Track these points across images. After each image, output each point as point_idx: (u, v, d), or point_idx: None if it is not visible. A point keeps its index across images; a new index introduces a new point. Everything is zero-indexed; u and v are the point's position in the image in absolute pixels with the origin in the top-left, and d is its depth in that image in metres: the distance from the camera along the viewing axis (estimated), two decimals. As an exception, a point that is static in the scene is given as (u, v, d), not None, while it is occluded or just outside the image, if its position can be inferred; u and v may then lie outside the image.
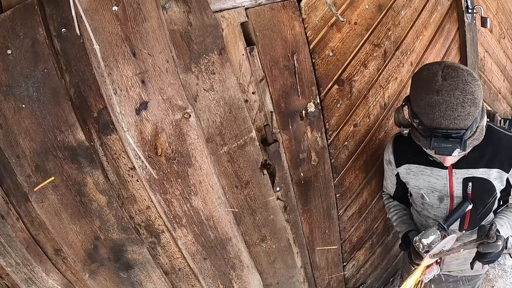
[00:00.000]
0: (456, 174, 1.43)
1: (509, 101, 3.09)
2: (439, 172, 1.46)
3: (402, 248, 1.60)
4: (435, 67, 1.23)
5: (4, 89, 1.09)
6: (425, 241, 1.36)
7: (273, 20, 1.40)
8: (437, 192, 1.49)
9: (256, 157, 1.51)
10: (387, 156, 1.63)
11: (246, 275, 1.72)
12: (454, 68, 1.20)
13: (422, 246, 1.37)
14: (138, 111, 1.22)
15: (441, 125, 1.17)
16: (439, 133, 1.18)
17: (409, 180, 1.57)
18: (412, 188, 1.58)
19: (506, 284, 2.60)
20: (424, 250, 1.37)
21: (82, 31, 1.09)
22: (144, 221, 1.42)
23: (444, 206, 1.51)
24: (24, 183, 1.19)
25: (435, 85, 1.18)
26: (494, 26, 2.58)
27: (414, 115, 1.25)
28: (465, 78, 1.17)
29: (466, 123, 1.16)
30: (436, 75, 1.19)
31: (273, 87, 1.48)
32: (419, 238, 1.38)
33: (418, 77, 1.27)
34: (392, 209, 1.76)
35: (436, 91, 1.17)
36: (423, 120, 1.21)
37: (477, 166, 1.40)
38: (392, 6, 1.72)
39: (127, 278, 1.46)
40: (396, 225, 1.73)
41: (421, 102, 1.21)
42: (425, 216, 1.62)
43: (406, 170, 1.55)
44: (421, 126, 1.22)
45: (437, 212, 1.54)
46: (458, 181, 1.44)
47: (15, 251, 1.28)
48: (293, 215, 1.78)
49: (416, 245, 1.39)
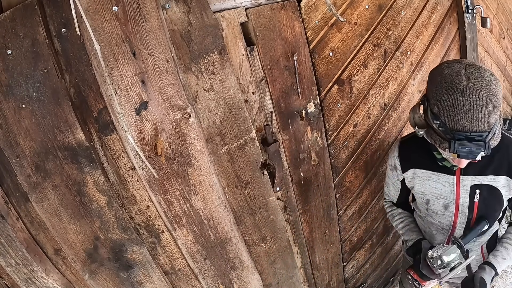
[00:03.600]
0: (464, 181, 1.37)
1: (509, 101, 3.09)
2: (446, 179, 1.40)
3: (409, 254, 1.56)
4: (457, 66, 1.17)
5: (4, 89, 1.09)
6: (446, 258, 1.30)
7: (273, 20, 1.40)
8: (442, 198, 1.44)
9: (256, 157, 1.51)
10: (392, 161, 1.55)
11: (246, 275, 1.72)
12: (476, 67, 1.15)
13: (440, 262, 1.30)
14: (138, 111, 1.22)
15: (465, 128, 1.11)
16: (462, 136, 1.12)
17: (414, 185, 1.51)
18: (417, 193, 1.53)
19: (506, 284, 2.60)
20: (440, 266, 1.31)
21: (82, 31, 1.09)
22: (144, 221, 1.42)
23: (449, 214, 1.46)
24: (24, 183, 1.19)
25: (459, 85, 1.12)
26: (494, 26, 2.58)
27: (434, 116, 1.18)
28: (489, 79, 1.12)
29: (489, 125, 1.12)
30: (459, 74, 1.14)
31: (273, 87, 1.48)
32: (439, 254, 1.31)
33: (438, 76, 1.20)
34: (396, 217, 1.69)
35: (461, 92, 1.11)
36: (445, 121, 1.14)
37: (485, 173, 1.34)
38: (392, 6, 1.72)
39: (127, 278, 1.46)
40: (403, 233, 1.65)
41: (443, 103, 1.15)
42: (428, 223, 1.57)
43: (413, 174, 1.50)
44: (442, 127, 1.16)
45: (442, 219, 1.49)
46: (465, 188, 1.38)
47: (15, 251, 1.28)
48: (293, 215, 1.78)
49: (433, 260, 1.32)
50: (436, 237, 1.57)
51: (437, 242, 1.57)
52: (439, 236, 1.56)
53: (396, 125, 1.97)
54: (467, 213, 1.42)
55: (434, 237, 1.58)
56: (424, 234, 1.63)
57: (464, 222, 1.45)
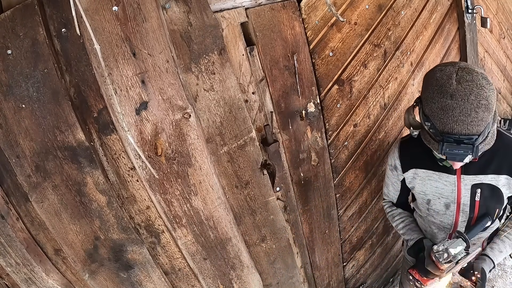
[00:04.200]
0: (465, 180, 1.38)
1: (509, 101, 3.09)
2: (447, 178, 1.41)
3: (410, 254, 1.56)
4: (449, 69, 1.19)
5: (4, 89, 1.09)
6: (453, 251, 1.30)
7: (273, 20, 1.40)
8: (443, 198, 1.45)
9: (256, 157, 1.51)
10: (392, 161, 1.56)
11: (246, 275, 1.72)
12: (468, 71, 1.16)
13: (447, 255, 1.30)
14: (138, 111, 1.22)
15: (454, 130, 1.13)
16: (451, 138, 1.14)
17: (415, 185, 1.52)
18: (417, 193, 1.54)
19: (506, 284, 2.60)
20: (446, 260, 1.31)
21: (82, 31, 1.09)
22: (144, 221, 1.42)
23: (450, 213, 1.47)
24: (24, 183, 1.19)
25: (449, 88, 1.14)
26: (494, 26, 2.58)
27: (426, 118, 1.21)
28: (480, 82, 1.13)
29: (479, 128, 1.13)
30: (450, 78, 1.16)
31: (273, 87, 1.48)
32: (446, 247, 1.31)
33: (431, 79, 1.23)
34: (396, 217, 1.69)
35: (450, 95, 1.13)
36: (435, 123, 1.17)
37: (486, 172, 1.36)
38: (392, 6, 1.72)
39: (127, 278, 1.46)
40: (404, 233, 1.65)
41: (433, 105, 1.17)
42: (429, 222, 1.58)
43: (413, 174, 1.50)
44: (433, 129, 1.19)
45: (443, 218, 1.50)
46: (466, 188, 1.39)
47: (15, 251, 1.28)
48: (293, 215, 1.78)
49: (439, 254, 1.32)
50: (437, 235, 1.58)
51: (439, 240, 1.57)
52: (440, 235, 1.57)
53: (396, 125, 1.97)
54: (468, 212, 1.43)
55: (436, 236, 1.58)
56: (425, 234, 1.63)
57: (465, 221, 1.46)
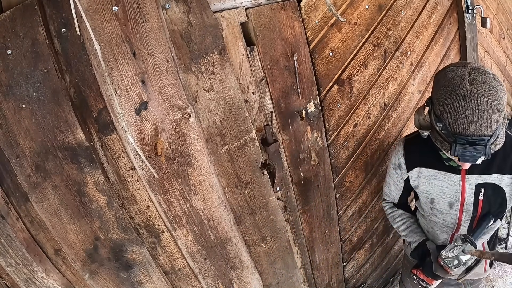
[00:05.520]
0: (469, 180, 1.39)
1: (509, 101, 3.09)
2: (452, 177, 1.41)
3: (414, 256, 1.56)
4: (461, 70, 1.18)
5: (4, 89, 1.09)
6: (464, 258, 1.29)
7: (273, 20, 1.40)
8: (447, 197, 1.45)
9: (256, 157, 1.51)
10: (396, 160, 1.55)
11: (246, 275, 1.72)
12: (480, 72, 1.16)
13: (457, 262, 1.29)
14: (138, 111, 1.22)
15: (466, 132, 1.13)
16: (463, 140, 1.14)
17: (419, 184, 1.51)
18: (421, 192, 1.53)
19: (506, 284, 2.60)
20: (456, 266, 1.30)
21: (82, 31, 1.09)
22: (144, 221, 1.42)
23: (454, 212, 1.47)
24: (24, 183, 1.19)
25: (462, 89, 1.14)
26: (494, 26, 2.58)
27: (438, 119, 1.20)
28: (492, 84, 1.13)
29: (491, 130, 1.13)
30: (463, 79, 1.15)
31: (273, 87, 1.48)
32: (456, 254, 1.31)
33: (442, 79, 1.22)
34: (398, 218, 1.69)
35: (463, 96, 1.13)
36: (448, 125, 1.16)
37: (490, 172, 1.36)
38: (392, 6, 1.72)
39: (127, 278, 1.46)
40: (405, 235, 1.65)
41: (446, 106, 1.16)
42: (432, 222, 1.57)
43: (418, 173, 1.50)
44: (445, 131, 1.18)
45: (446, 217, 1.50)
46: (470, 187, 1.40)
47: (15, 251, 1.28)
48: (293, 215, 1.78)
49: (448, 260, 1.32)
50: (439, 236, 1.57)
51: (441, 241, 1.58)
52: (442, 235, 1.56)
53: (396, 125, 1.97)
54: (471, 211, 1.43)
55: (438, 236, 1.58)
56: (427, 234, 1.63)
57: (468, 220, 1.46)
